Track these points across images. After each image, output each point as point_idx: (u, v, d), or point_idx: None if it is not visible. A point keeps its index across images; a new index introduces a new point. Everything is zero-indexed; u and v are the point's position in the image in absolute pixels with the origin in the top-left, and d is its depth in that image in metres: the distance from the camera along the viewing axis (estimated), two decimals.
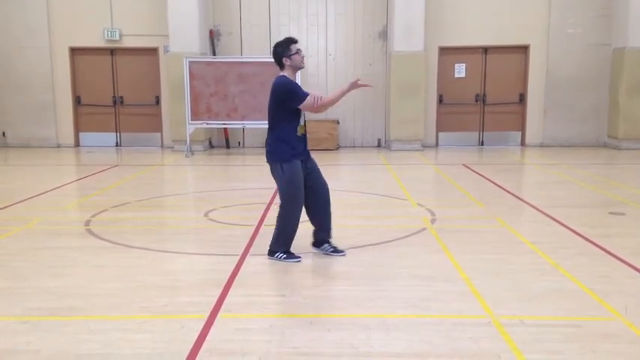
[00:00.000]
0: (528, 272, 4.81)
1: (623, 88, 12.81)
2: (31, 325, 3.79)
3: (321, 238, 5.29)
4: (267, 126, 5.15)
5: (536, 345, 3.45)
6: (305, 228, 5.36)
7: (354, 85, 5.04)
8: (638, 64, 12.66)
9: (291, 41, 5.03)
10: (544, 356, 3.32)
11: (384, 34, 13.72)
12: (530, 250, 5.41)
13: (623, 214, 6.88)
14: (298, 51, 5.01)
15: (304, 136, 5.08)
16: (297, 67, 5.05)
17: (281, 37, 16.45)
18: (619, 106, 12.91)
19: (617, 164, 11.33)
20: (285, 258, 5.08)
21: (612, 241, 5.65)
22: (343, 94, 5.08)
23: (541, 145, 13.69)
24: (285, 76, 5.01)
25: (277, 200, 5.27)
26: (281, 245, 5.11)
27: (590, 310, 3.99)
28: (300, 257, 5.11)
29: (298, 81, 5.47)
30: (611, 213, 6.92)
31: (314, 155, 5.29)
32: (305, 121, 5.09)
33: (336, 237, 5.91)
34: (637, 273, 4.74)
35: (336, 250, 5.27)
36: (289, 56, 4.98)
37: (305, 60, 5.07)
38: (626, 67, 12.71)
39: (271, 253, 5.13)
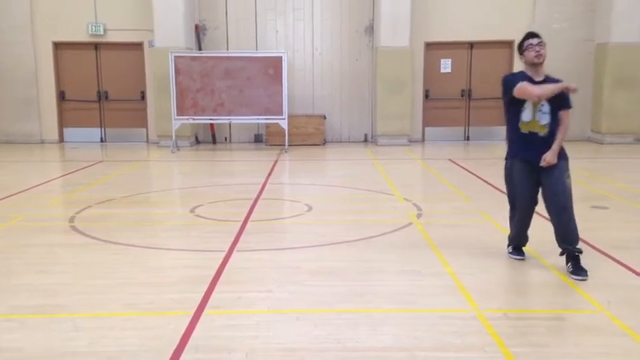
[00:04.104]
0: (513, 266, 4.85)
1: (606, 83, 12.94)
2: (16, 323, 3.76)
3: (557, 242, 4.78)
4: (253, 121, 5.08)
5: (521, 338, 3.49)
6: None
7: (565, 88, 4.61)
8: (620, 60, 12.79)
9: (527, 36, 4.67)
10: (528, 349, 3.35)
11: (371, 29, 13.72)
12: None
13: (606, 207, 6.96)
14: (529, 47, 4.62)
15: (531, 134, 4.67)
16: (531, 63, 4.66)
17: (267, 32, 16.34)
18: (602, 101, 13.03)
19: (600, 158, 11.45)
20: (509, 253, 5.08)
21: (595, 234, 5.70)
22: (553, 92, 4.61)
23: None
24: (510, 73, 4.90)
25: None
26: (510, 239, 5.12)
27: (573, 304, 4.04)
28: (523, 257, 4.99)
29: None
30: (594, 207, 7.00)
31: (300, 150, 5.27)
32: (536, 120, 4.64)
33: (323, 232, 5.93)
34: (620, 266, 4.79)
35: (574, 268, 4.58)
36: (522, 52, 4.71)
37: (539, 54, 4.57)
38: (609, 63, 12.84)
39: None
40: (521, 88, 4.56)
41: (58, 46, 13.69)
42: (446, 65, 13.79)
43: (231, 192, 8.18)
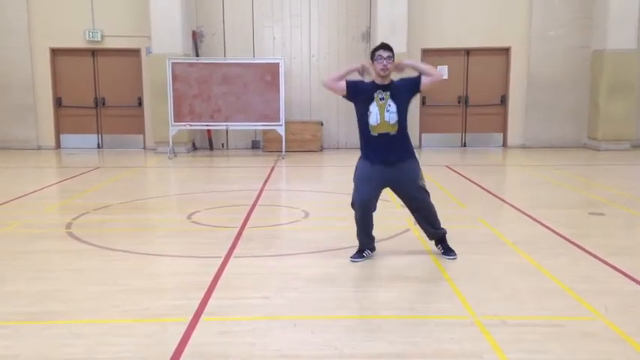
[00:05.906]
0: (510, 272, 4.85)
1: (602, 90, 12.99)
2: (11, 330, 3.74)
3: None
4: (250, 127, 5.13)
5: (518, 345, 3.48)
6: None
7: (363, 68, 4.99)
8: (617, 66, 12.85)
9: (378, 47, 4.92)
10: (526, 356, 3.35)
11: (367, 36, 13.76)
12: (512, 250, 5.46)
13: (602, 214, 6.96)
14: (378, 58, 4.84)
15: (381, 136, 4.96)
16: (377, 74, 4.90)
17: (264, 39, 16.35)
18: (598, 108, 13.08)
19: (596, 165, 11.48)
20: (351, 255, 5.19)
21: (592, 241, 5.71)
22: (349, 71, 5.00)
23: (522, 147, 13.82)
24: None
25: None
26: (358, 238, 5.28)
27: (570, 310, 4.03)
28: (361, 259, 5.15)
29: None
30: (591, 213, 7.00)
31: (297, 156, 5.27)
32: (385, 121, 4.93)
33: (322, 239, 5.94)
34: (617, 273, 4.79)
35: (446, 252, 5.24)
36: (372, 60, 4.92)
37: (385, 68, 4.81)
38: (606, 69, 12.89)
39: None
40: (328, 81, 5.02)
41: (55, 52, 13.69)
42: (442, 72, 13.81)
43: (228, 198, 8.17)
